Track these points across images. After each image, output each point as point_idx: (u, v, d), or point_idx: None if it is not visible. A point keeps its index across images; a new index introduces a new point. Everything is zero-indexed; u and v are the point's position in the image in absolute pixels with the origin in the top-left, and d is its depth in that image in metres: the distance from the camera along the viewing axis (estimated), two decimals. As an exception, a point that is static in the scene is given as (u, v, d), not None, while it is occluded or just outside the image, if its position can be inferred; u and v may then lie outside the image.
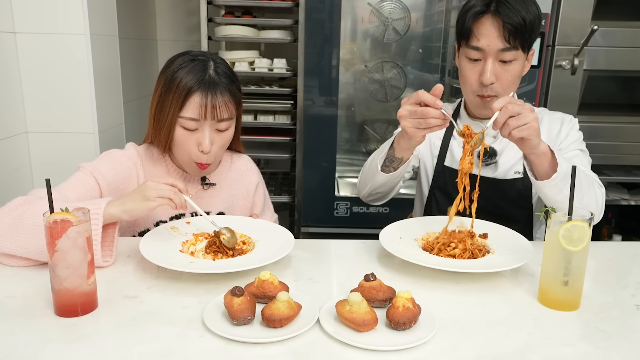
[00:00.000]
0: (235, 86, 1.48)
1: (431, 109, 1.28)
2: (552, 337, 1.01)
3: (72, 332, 0.98)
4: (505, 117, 1.26)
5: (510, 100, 1.26)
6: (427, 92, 1.29)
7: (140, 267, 1.26)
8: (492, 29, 1.48)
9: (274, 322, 0.97)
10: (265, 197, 1.77)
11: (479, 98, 1.57)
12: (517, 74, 1.54)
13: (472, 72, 1.55)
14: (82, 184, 1.40)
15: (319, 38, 2.70)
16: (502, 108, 1.26)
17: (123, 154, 1.54)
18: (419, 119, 1.30)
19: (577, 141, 1.64)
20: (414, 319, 0.99)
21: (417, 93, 1.30)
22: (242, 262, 1.22)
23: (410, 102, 1.32)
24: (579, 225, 1.07)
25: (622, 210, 3.06)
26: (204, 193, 1.61)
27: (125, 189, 1.49)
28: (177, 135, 1.45)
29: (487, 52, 1.50)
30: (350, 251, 1.43)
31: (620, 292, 1.21)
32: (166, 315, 1.05)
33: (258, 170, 1.76)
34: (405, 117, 1.33)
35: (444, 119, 1.29)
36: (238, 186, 1.68)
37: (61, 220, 1.02)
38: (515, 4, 1.46)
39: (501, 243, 1.37)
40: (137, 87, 3.17)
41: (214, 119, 1.43)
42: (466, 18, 1.51)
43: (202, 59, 1.46)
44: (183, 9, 3.49)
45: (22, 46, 1.98)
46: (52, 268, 1.03)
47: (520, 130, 1.25)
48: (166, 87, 1.44)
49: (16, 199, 1.28)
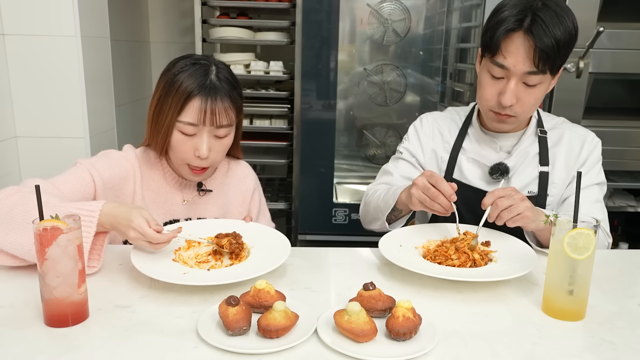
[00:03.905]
0: (236, 92, 1.50)
1: (442, 198, 1.35)
2: (557, 348, 1.01)
3: (63, 343, 0.98)
4: (496, 214, 1.34)
5: (499, 195, 1.34)
6: (447, 182, 1.36)
7: (132, 276, 1.26)
8: (521, 48, 1.42)
9: (271, 333, 0.97)
10: (261, 204, 1.78)
11: (494, 114, 1.54)
12: (540, 97, 1.51)
13: (492, 88, 1.51)
14: (77, 179, 1.41)
15: (317, 40, 2.71)
16: (493, 204, 1.34)
17: (121, 155, 1.55)
18: (427, 198, 1.37)
19: (595, 169, 1.63)
20: (415, 329, 0.99)
21: (439, 179, 1.36)
22: (237, 273, 1.23)
23: (430, 180, 1.38)
24: (584, 232, 1.07)
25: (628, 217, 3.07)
26: (199, 199, 1.63)
27: (121, 191, 1.50)
28: (174, 139, 1.47)
29: (512, 72, 1.45)
30: (348, 259, 1.43)
31: (626, 302, 1.21)
32: (159, 326, 1.05)
33: (255, 176, 1.77)
34: (418, 187, 1.39)
35: (448, 210, 1.37)
36: (234, 192, 1.69)
37: (51, 228, 1.02)
38: (551, 23, 1.39)
39: (504, 251, 1.38)
40: (129, 91, 3.17)
41: (212, 125, 1.44)
42: (496, 32, 1.44)
43: (204, 63, 1.48)
44: (176, 10, 3.50)
45: (11, 48, 1.98)
46: (41, 277, 1.03)
47: (514, 221, 1.35)
48: (166, 90, 1.45)
49: (8, 188, 1.30)
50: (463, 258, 1.32)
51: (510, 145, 1.64)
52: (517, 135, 1.64)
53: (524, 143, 1.63)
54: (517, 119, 1.53)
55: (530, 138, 1.64)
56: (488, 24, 1.49)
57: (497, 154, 1.64)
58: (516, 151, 1.62)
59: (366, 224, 1.74)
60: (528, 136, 1.63)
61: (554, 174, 1.62)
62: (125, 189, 1.52)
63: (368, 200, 1.71)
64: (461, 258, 1.32)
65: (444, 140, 1.72)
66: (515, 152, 1.62)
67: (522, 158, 1.62)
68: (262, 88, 3.12)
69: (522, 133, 1.64)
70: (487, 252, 1.38)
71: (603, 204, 1.63)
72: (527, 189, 1.62)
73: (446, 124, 1.75)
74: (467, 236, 1.40)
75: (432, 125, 1.76)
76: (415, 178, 1.41)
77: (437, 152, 1.73)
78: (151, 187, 1.57)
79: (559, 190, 1.62)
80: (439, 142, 1.72)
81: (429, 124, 1.76)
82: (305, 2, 2.66)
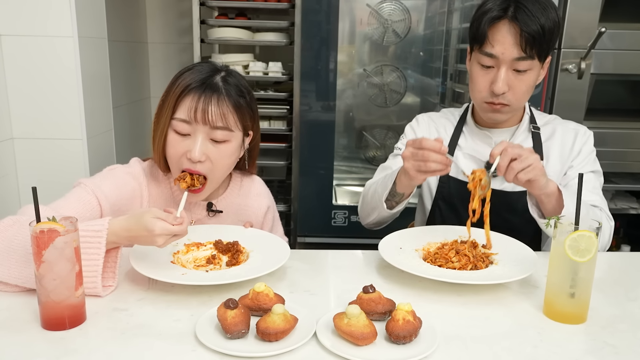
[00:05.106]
0: (244, 100, 1.43)
1: (432, 153, 1.33)
2: (558, 352, 1.01)
3: (60, 347, 0.99)
4: (507, 161, 1.31)
5: (508, 144, 1.32)
6: (430, 139, 1.33)
7: (130, 279, 1.26)
8: (508, 35, 1.47)
9: (269, 336, 0.98)
10: (275, 220, 1.72)
11: (488, 105, 1.57)
12: (531, 84, 1.55)
13: (484, 79, 1.55)
14: (83, 203, 1.33)
15: (316, 40, 2.71)
16: (502, 152, 1.32)
17: (127, 172, 1.47)
18: (419, 162, 1.35)
19: (589, 159, 1.65)
20: (415, 332, 0.99)
21: (420, 140, 1.34)
22: (236, 274, 1.23)
23: (414, 145, 1.36)
24: (586, 235, 1.07)
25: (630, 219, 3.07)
26: (208, 220, 1.56)
27: (127, 212, 1.35)
28: (169, 140, 1.40)
29: (501, 60, 1.49)
30: (348, 262, 1.43)
31: (628, 305, 1.21)
32: (157, 329, 1.05)
33: (269, 193, 1.69)
34: (408, 158, 1.38)
35: (446, 164, 1.34)
36: (246, 212, 1.62)
37: (48, 230, 1.02)
38: (535, 11, 1.45)
39: (505, 254, 1.38)
40: (127, 92, 3.18)
41: (205, 124, 1.36)
42: (481, 22, 1.50)
43: (214, 67, 1.43)
44: (175, 10, 3.50)
45: (7, 49, 1.98)
46: (38, 280, 1.03)
47: (526, 172, 1.31)
48: (167, 90, 1.41)
49: (6, 219, 1.21)
50: (464, 261, 1.33)
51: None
52: (510, 131, 1.68)
53: (518, 138, 1.67)
54: (510, 107, 1.57)
55: (524, 133, 1.68)
56: (474, 17, 1.55)
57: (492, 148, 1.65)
58: None
59: (364, 218, 1.72)
60: (522, 132, 1.67)
61: (548, 167, 1.65)
62: (132, 209, 1.43)
63: (366, 192, 1.72)
64: (462, 261, 1.33)
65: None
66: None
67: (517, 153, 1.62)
68: (260, 89, 3.12)
69: (516, 128, 1.68)
70: (487, 254, 1.38)
71: (600, 190, 1.64)
72: None
73: (442, 123, 1.79)
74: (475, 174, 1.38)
75: (428, 124, 1.80)
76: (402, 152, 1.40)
77: None
78: (158, 204, 1.49)
79: None
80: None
81: (425, 122, 1.81)
82: (304, 3, 2.66)
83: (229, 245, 1.39)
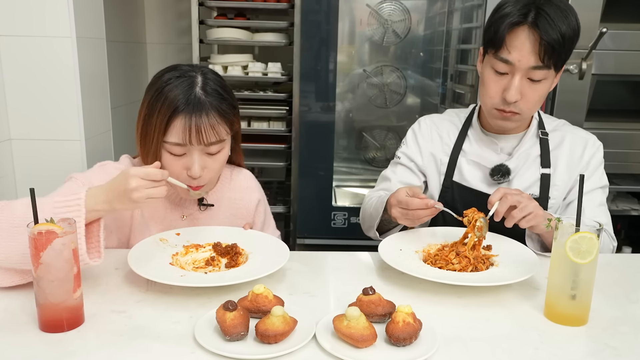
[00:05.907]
0: (226, 104, 1.41)
1: (421, 211, 1.37)
2: (559, 354, 1.01)
3: (58, 349, 0.99)
4: (506, 208, 1.34)
5: (506, 191, 1.35)
6: (416, 199, 1.37)
7: (128, 281, 1.26)
8: (527, 42, 1.43)
9: (269, 338, 0.98)
10: (266, 214, 1.72)
11: (498, 112, 1.54)
12: (544, 94, 1.52)
13: (497, 85, 1.51)
14: None
15: (316, 41, 2.71)
16: (502, 198, 1.34)
17: (118, 167, 1.47)
18: (410, 220, 1.40)
19: (597, 172, 1.64)
20: (415, 334, 0.99)
21: (407, 201, 1.38)
22: (235, 275, 1.23)
23: (401, 206, 1.40)
24: (587, 236, 1.08)
25: (632, 221, 3.07)
26: (200, 214, 1.57)
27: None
28: (164, 160, 1.39)
29: (517, 67, 1.45)
30: (348, 264, 1.43)
31: (630, 307, 1.22)
32: (156, 331, 1.05)
33: (259, 186, 1.71)
34: (399, 218, 1.42)
35: (433, 209, 1.37)
36: (237, 206, 1.64)
37: (46, 232, 1.02)
38: (556, 18, 1.40)
39: (505, 255, 1.38)
40: (126, 92, 3.18)
41: (200, 144, 1.36)
42: (500, 26, 1.45)
43: (189, 76, 1.39)
44: (173, 10, 3.50)
45: (5, 49, 1.98)
46: (36, 281, 1.03)
47: (528, 220, 1.35)
48: (150, 109, 1.39)
49: None
50: (464, 262, 1.33)
51: (511, 147, 1.64)
52: (518, 137, 1.65)
53: (525, 145, 1.64)
54: (521, 116, 1.54)
55: (531, 140, 1.64)
56: (491, 20, 1.51)
57: (497, 155, 1.64)
58: (517, 153, 1.63)
59: (365, 231, 1.74)
60: (529, 138, 1.64)
61: (555, 176, 1.62)
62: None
63: (365, 207, 1.73)
64: (462, 262, 1.33)
65: (443, 143, 1.72)
66: (517, 153, 1.62)
67: (524, 160, 1.62)
68: (260, 90, 3.12)
69: (523, 134, 1.65)
70: (488, 256, 1.38)
71: (607, 207, 1.63)
72: (529, 192, 1.62)
73: (445, 127, 1.75)
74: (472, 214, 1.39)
75: (430, 129, 1.76)
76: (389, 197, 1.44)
77: (436, 155, 1.73)
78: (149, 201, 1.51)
79: (560, 193, 1.62)
80: (438, 145, 1.72)
81: (428, 127, 1.77)
82: (304, 3, 2.67)
83: (227, 247, 1.39)
